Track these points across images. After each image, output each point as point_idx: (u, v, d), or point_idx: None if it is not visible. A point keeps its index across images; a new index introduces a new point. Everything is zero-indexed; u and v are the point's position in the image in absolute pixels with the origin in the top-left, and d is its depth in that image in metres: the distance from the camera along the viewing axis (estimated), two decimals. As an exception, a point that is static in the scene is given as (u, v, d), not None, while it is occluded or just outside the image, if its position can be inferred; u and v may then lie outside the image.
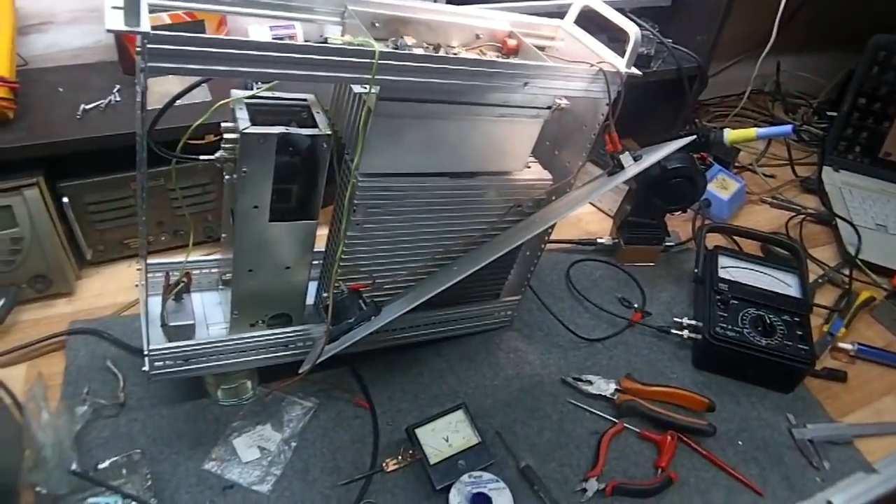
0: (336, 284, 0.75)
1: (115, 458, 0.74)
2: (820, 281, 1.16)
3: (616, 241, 1.13)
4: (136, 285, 0.85)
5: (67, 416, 0.75)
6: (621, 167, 0.79)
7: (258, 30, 1.05)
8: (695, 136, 0.93)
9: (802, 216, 1.34)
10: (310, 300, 0.85)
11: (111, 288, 0.98)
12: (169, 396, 0.83)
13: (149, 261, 0.84)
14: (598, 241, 1.14)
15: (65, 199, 0.91)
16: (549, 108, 0.77)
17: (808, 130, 1.61)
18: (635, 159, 0.78)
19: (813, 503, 0.82)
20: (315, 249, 0.77)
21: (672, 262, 1.16)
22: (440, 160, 0.74)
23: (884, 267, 1.19)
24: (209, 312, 0.85)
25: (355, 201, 0.71)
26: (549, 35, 0.86)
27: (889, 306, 1.10)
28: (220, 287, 0.87)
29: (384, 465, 0.78)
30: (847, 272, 1.18)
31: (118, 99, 0.96)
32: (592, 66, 0.74)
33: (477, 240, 0.82)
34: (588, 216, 1.25)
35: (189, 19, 0.99)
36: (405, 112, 0.68)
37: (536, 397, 0.89)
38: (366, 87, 0.63)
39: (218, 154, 0.68)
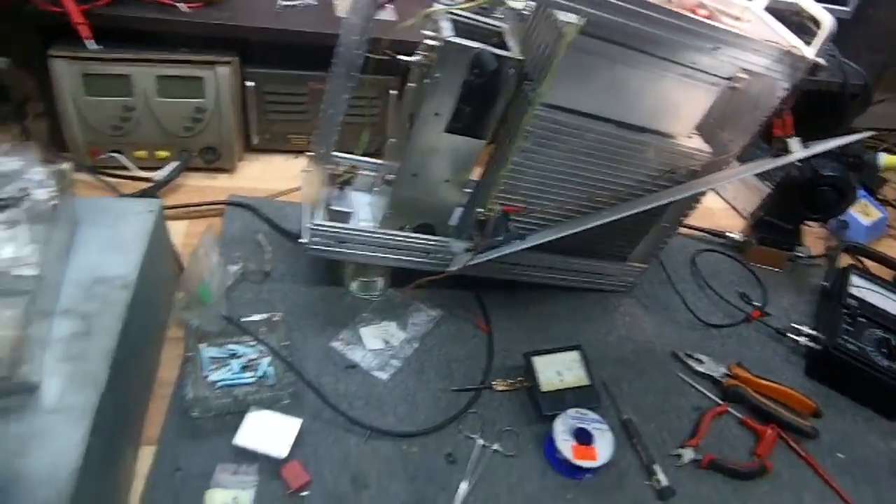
0: (490, 206, 0.80)
1: (257, 317, 0.81)
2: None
3: (747, 238, 1.13)
4: (302, 171, 0.92)
5: (222, 271, 0.83)
6: (787, 151, 0.79)
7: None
8: (870, 132, 0.92)
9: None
10: (453, 221, 0.89)
11: (269, 175, 1.06)
12: (308, 278, 0.90)
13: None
14: (728, 234, 1.14)
15: (249, 84, 0.99)
16: (728, 79, 0.78)
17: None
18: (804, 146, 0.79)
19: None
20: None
21: (798, 272, 1.15)
22: (615, 108, 0.77)
23: None
24: (361, 211, 0.90)
25: (529, 128, 0.74)
26: (737, 15, 0.86)
27: None
28: (375, 190, 0.92)
29: (494, 383, 0.82)
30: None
31: (314, 3, 1.03)
32: (781, 46, 0.75)
33: (623, 195, 0.85)
34: (720, 211, 1.25)
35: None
36: (599, 51, 0.71)
37: (646, 363, 0.91)
38: (572, 18, 0.66)
39: (416, 58, 0.73)
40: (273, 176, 1.05)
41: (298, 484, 0.68)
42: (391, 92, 1.04)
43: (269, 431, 0.71)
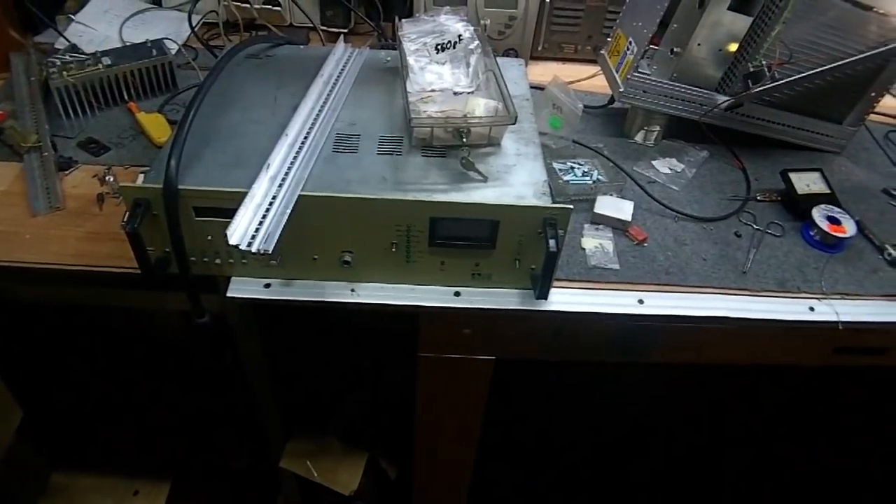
0: (759, 63, 1.11)
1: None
2: None
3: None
4: (601, 52, 1.25)
5: (570, 107, 1.16)
6: None
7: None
8: None
9: None
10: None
11: (549, 75, 1.39)
12: (602, 132, 1.24)
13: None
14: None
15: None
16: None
17: None
18: None
19: None
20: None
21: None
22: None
23: None
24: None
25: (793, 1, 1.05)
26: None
27: None
28: (654, 68, 1.24)
29: (756, 195, 1.13)
30: None
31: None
32: None
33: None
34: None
35: None
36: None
37: (863, 195, 1.18)
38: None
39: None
40: (553, 75, 1.40)
41: (642, 237, 1.01)
42: None
43: (614, 206, 1.04)
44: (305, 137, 0.90)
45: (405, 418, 1.14)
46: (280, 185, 0.81)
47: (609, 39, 1.25)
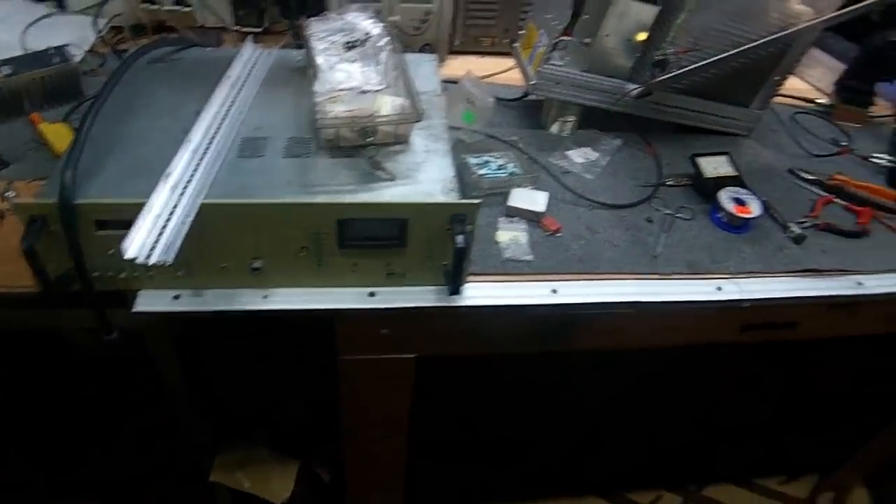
0: (664, 50, 1.13)
1: (502, 139, 1.16)
2: None
3: (833, 102, 1.45)
4: (514, 45, 1.26)
5: (483, 102, 1.17)
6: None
7: None
8: None
9: None
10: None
11: (467, 68, 1.40)
12: (518, 124, 1.25)
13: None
14: (818, 101, 1.47)
15: (465, -8, 1.35)
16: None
17: None
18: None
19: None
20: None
21: (874, 128, 1.46)
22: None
23: None
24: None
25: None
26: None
27: None
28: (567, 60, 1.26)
29: (668, 181, 1.16)
30: None
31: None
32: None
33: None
34: (807, 91, 1.57)
35: None
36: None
37: (770, 175, 1.23)
38: None
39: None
40: (470, 68, 1.40)
41: (555, 227, 1.03)
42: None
43: (528, 198, 1.05)
44: (210, 143, 0.89)
45: (335, 421, 1.14)
46: (182, 194, 0.80)
47: (522, 32, 1.26)
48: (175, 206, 0.78)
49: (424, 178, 0.88)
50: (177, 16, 1.38)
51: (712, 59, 1.14)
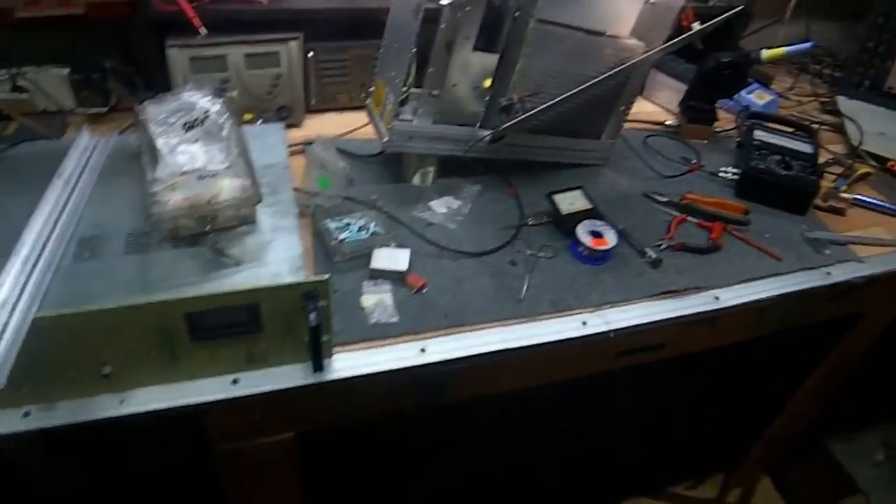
0: (509, 95, 1.17)
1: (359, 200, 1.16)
2: (830, 161, 1.54)
3: (679, 122, 1.54)
4: (366, 102, 1.27)
5: (336, 166, 1.17)
6: (690, 29, 1.20)
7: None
8: (742, 7, 1.33)
9: (818, 124, 1.72)
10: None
11: (327, 126, 1.41)
12: (380, 179, 1.26)
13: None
14: (667, 123, 1.55)
15: (310, 54, 1.34)
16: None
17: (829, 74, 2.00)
18: (701, 23, 1.19)
19: (817, 273, 1.20)
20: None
21: (720, 142, 1.56)
22: (581, 17, 1.16)
23: (881, 156, 1.57)
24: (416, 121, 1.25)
25: (529, 38, 1.12)
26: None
27: (882, 177, 1.48)
28: (419, 111, 1.27)
29: (529, 221, 1.19)
30: (851, 161, 1.55)
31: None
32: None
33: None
34: (656, 113, 1.65)
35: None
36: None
37: (627, 202, 1.29)
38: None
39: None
40: (331, 126, 1.40)
41: (419, 284, 1.03)
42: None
43: (390, 258, 1.05)
44: (42, 250, 0.85)
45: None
46: (11, 312, 0.76)
47: (371, 89, 1.27)
48: (5, 326, 0.74)
49: (272, 258, 0.87)
50: (13, 103, 1.31)
51: (555, 101, 1.18)
